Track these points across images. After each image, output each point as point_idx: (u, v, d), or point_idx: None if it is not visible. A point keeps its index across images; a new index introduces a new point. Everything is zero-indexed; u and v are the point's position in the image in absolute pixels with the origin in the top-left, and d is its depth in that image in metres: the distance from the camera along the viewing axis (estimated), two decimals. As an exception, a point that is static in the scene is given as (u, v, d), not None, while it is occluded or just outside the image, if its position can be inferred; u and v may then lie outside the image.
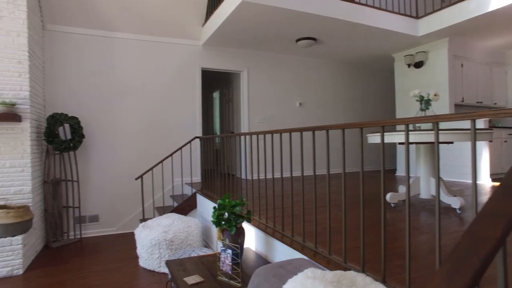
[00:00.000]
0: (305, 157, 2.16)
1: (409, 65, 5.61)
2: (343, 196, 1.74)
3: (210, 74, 6.58)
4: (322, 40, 5.03)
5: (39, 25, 4.17)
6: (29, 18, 3.68)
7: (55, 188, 4.18)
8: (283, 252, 2.20)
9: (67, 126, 4.18)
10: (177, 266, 2.25)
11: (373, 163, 6.67)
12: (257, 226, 2.58)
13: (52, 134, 4.00)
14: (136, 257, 3.60)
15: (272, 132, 2.37)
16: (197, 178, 4.95)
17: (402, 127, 5.10)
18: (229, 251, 1.98)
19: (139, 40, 4.85)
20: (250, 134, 2.72)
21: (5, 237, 3.23)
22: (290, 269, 1.67)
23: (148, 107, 4.88)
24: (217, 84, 7.27)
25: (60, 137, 4.07)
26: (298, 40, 5.01)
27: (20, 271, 3.26)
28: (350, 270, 1.54)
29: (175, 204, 4.42)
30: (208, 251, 3.02)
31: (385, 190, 1.51)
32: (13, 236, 3.27)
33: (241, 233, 2.25)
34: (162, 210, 4.43)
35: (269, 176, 2.71)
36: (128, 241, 4.29)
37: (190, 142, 4.32)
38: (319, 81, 6.22)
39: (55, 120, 4.03)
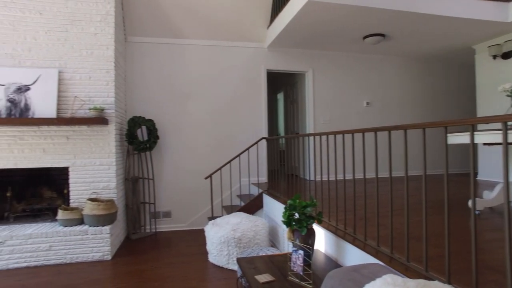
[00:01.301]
0: (373, 158, 2.06)
1: (494, 57, 5.02)
2: (423, 200, 1.63)
3: (274, 75, 6.64)
4: (392, 35, 4.76)
5: (122, 38, 4.63)
6: (115, 33, 4.11)
7: (134, 185, 4.59)
8: (355, 256, 2.13)
9: (144, 128, 4.57)
10: (248, 264, 2.31)
11: (451, 165, 6.12)
12: (327, 228, 2.54)
13: (132, 136, 4.40)
14: (205, 253, 3.78)
15: (343, 133, 2.31)
16: (263, 178, 5.03)
17: (488, 125, 4.60)
18: (301, 252, 1.98)
19: (207, 45, 5.10)
20: (320, 134, 2.68)
21: (97, 226, 3.66)
22: (365, 273, 1.61)
23: (215, 109, 5.11)
24: (281, 85, 7.31)
25: (139, 138, 4.46)
26: (365, 37, 4.82)
27: (109, 257, 3.66)
28: (433, 280, 1.43)
29: (242, 204, 4.55)
30: (275, 251, 3.05)
31: (468, 195, 1.37)
32: (103, 226, 3.68)
33: (311, 234, 2.24)
34: (230, 209, 4.59)
35: (338, 177, 2.64)
36: (197, 237, 4.53)
37: (257, 143, 4.42)
38: (388, 79, 5.90)
39: (135, 122, 4.43)
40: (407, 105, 6.00)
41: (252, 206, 4.37)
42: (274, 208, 3.90)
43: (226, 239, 3.37)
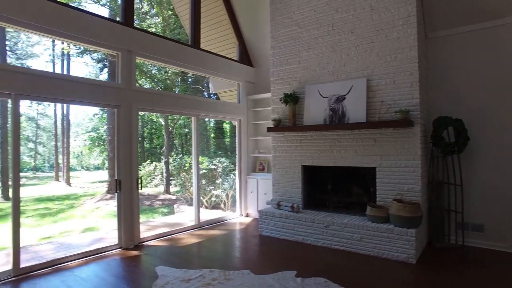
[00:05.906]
0: None
1: None
2: None
3: None
4: None
5: (423, 36, 4.46)
6: (418, 33, 4.02)
7: (438, 190, 4.28)
8: None
9: (450, 129, 4.17)
10: None
11: None
12: None
13: (438, 137, 4.13)
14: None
15: None
16: None
17: None
18: None
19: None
20: None
21: (402, 227, 3.72)
22: None
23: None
24: None
25: (445, 140, 4.12)
26: None
27: (413, 261, 3.63)
28: None
29: None
30: None
31: None
32: (408, 228, 3.69)
33: None
34: None
35: None
36: (526, 264, 3.59)
37: None
38: None
39: (440, 123, 4.13)
40: None
41: None
42: None
43: None
